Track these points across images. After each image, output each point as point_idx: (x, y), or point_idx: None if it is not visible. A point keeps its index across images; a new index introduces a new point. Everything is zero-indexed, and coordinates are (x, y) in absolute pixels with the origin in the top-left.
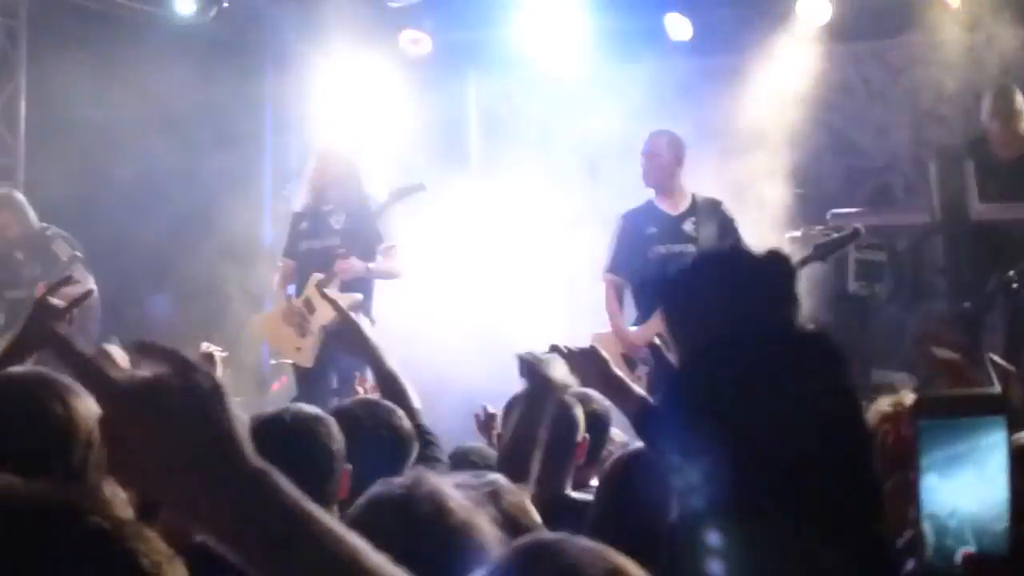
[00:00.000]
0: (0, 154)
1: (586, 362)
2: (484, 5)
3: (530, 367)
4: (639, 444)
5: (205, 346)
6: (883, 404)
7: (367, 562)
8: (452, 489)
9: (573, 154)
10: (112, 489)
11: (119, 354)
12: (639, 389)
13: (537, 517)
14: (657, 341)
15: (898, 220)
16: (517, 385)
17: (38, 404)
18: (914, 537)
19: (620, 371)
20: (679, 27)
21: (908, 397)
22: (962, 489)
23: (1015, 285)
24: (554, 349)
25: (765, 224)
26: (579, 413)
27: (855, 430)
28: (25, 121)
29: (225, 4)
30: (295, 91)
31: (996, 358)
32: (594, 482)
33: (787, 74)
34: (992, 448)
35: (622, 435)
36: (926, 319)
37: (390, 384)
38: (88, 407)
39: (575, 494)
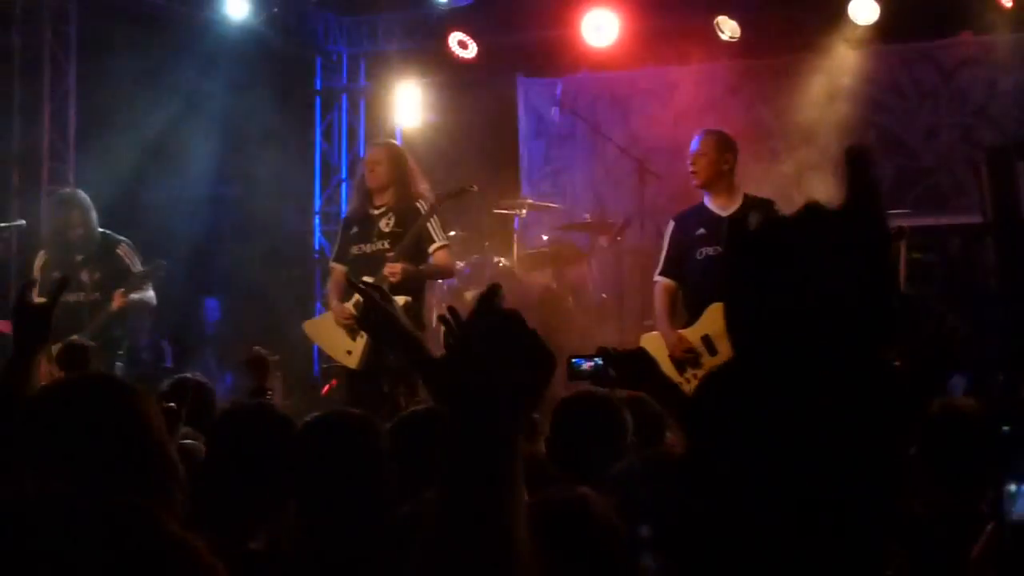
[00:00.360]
0: (52, 158)
1: (634, 364)
2: (532, 7)
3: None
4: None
5: (257, 349)
6: (934, 407)
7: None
8: None
9: (622, 155)
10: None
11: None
12: (686, 392)
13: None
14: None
15: (949, 221)
16: (563, 389)
17: (107, 406)
18: (991, 542)
19: (669, 373)
20: (729, 28)
21: (960, 400)
22: None
23: None
24: (602, 352)
25: None
26: (628, 417)
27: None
28: (76, 125)
29: (275, 9)
30: (344, 94)
31: None
32: None
33: (836, 75)
34: None
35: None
36: None
37: None
38: (156, 410)
39: None
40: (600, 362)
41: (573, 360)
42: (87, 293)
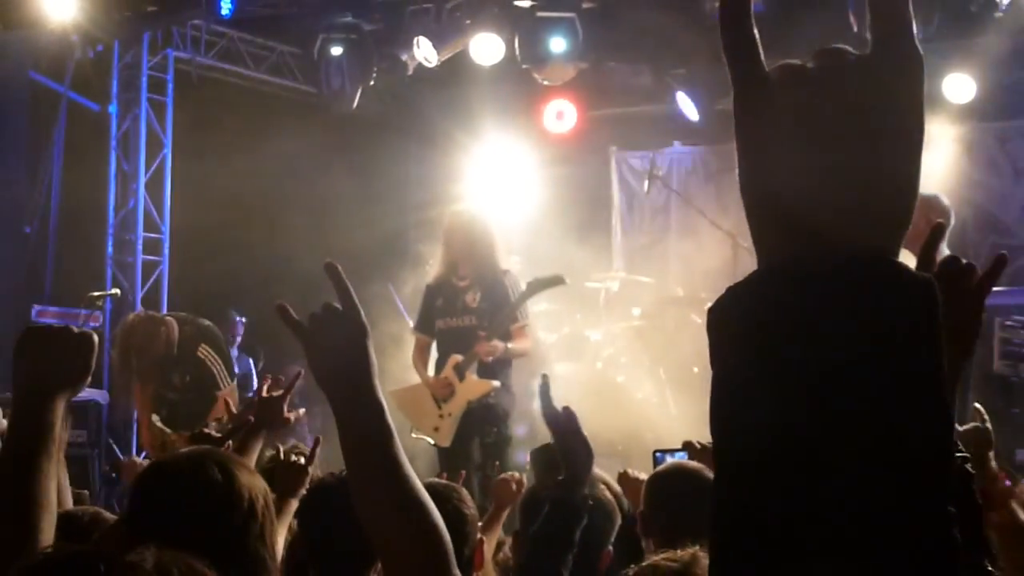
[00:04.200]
0: (148, 229)
1: None
2: (626, 82)
3: None
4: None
5: None
6: None
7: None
8: None
9: (715, 228)
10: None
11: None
12: None
13: None
14: None
15: None
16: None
17: (200, 474)
18: None
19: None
20: None
21: None
22: None
23: None
24: (687, 446)
25: None
26: None
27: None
28: (170, 197)
29: (371, 82)
30: (439, 168)
31: None
32: None
33: (932, 151)
34: None
35: None
36: None
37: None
38: (250, 479)
39: None
40: (686, 456)
41: (657, 454)
42: (180, 394)
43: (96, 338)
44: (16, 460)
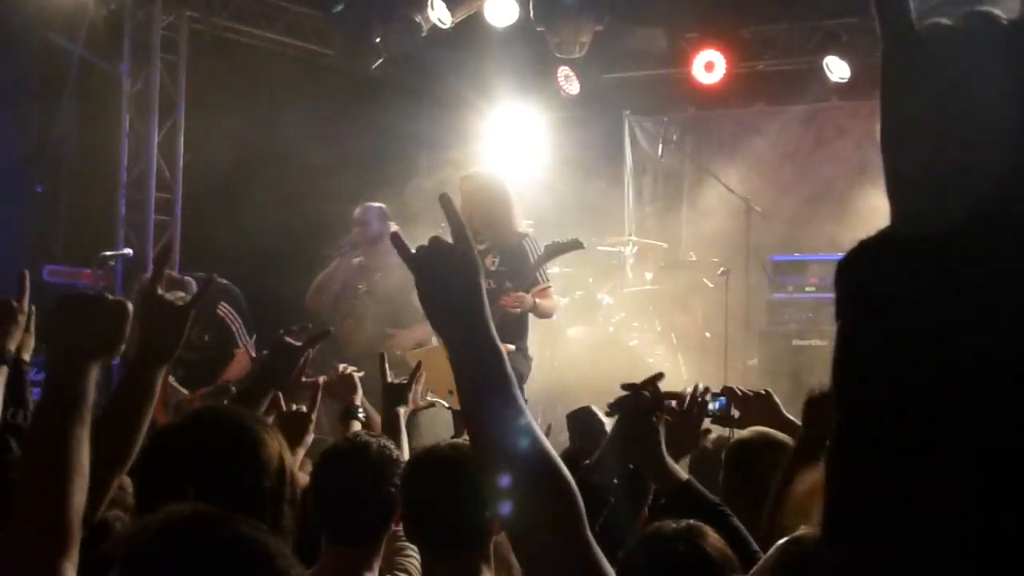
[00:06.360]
0: (160, 189)
1: (758, 404)
2: (640, 46)
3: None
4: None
5: (343, 367)
6: None
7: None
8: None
9: (728, 193)
10: None
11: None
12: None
13: None
14: None
15: None
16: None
17: (231, 436)
18: None
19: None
20: (837, 68)
21: None
22: None
23: None
24: (728, 391)
25: None
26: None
27: None
28: (183, 157)
29: (377, 39)
30: (451, 130)
31: None
32: None
33: None
34: None
35: None
36: None
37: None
38: (279, 443)
39: None
40: (724, 401)
41: None
42: (199, 353)
43: (130, 306)
44: (49, 426)
